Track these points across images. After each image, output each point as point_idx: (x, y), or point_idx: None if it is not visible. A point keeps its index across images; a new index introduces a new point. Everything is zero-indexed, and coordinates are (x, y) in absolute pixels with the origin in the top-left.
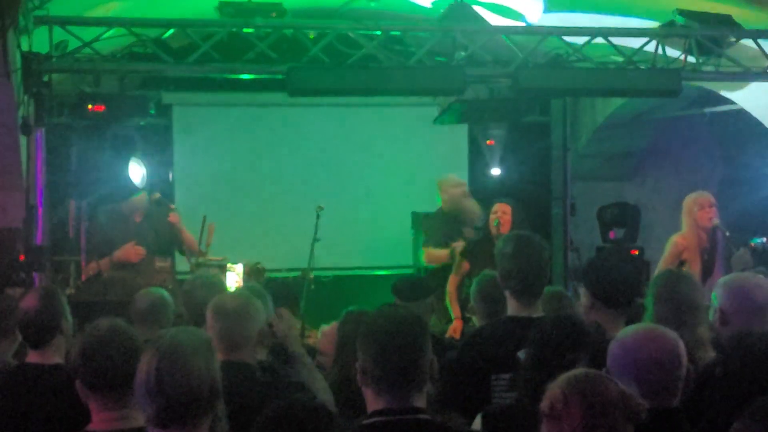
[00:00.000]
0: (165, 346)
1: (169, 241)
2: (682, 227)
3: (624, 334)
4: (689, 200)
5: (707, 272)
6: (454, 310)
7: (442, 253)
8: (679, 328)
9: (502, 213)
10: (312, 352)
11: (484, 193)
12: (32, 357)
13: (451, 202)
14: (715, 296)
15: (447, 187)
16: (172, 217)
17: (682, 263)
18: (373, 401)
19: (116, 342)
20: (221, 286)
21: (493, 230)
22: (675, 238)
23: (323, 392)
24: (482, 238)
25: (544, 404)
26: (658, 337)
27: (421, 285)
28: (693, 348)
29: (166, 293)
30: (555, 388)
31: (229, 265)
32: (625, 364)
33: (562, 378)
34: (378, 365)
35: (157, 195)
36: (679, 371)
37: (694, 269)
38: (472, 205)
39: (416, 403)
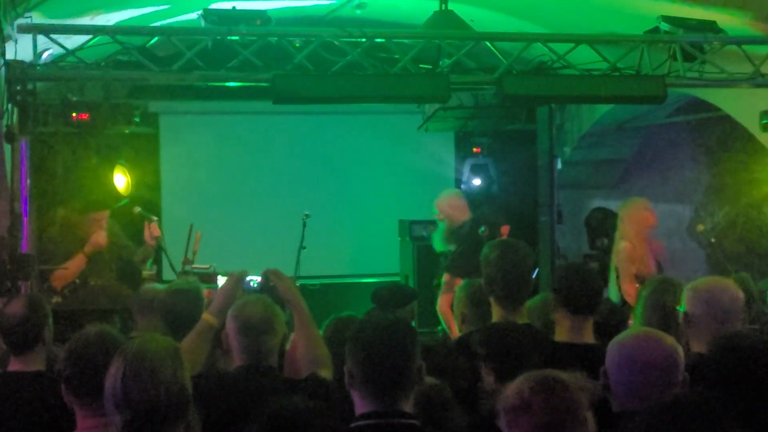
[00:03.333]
0: (131, 357)
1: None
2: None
3: (623, 337)
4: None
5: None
6: (453, 330)
7: None
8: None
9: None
10: None
11: (471, 200)
12: (14, 365)
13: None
14: (683, 299)
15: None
16: (154, 230)
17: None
18: (360, 404)
19: (103, 349)
20: (197, 293)
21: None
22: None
23: None
24: (465, 249)
25: (504, 401)
26: (656, 341)
27: (402, 292)
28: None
29: None
30: (513, 385)
31: (218, 276)
32: (624, 367)
33: (519, 377)
34: (366, 369)
35: (138, 209)
36: (676, 375)
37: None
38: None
39: (404, 408)
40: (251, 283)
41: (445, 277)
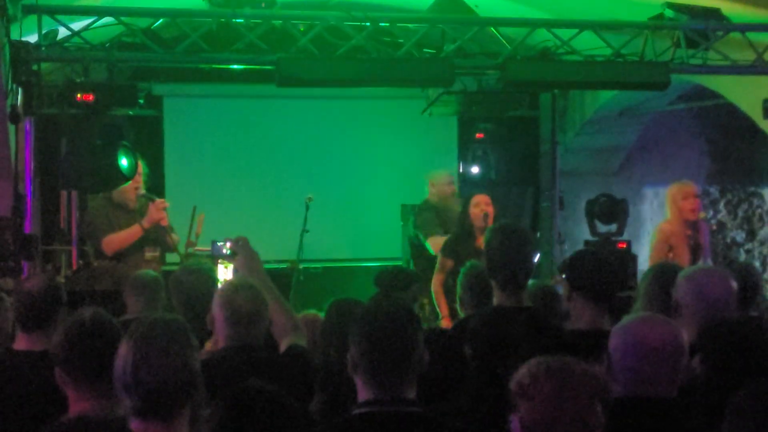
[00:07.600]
0: (140, 337)
1: (157, 233)
2: (667, 215)
3: (626, 322)
4: (673, 189)
5: (695, 262)
6: (442, 310)
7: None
8: None
9: (485, 204)
10: None
11: (473, 185)
12: (20, 343)
13: (440, 197)
14: (675, 287)
15: (437, 183)
16: (158, 212)
17: (669, 249)
18: (363, 391)
19: (99, 331)
20: (210, 273)
21: (481, 222)
22: (661, 225)
23: None
24: (463, 233)
25: (513, 385)
26: (660, 325)
27: (405, 275)
28: None
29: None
30: (523, 369)
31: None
32: (628, 353)
33: (530, 361)
34: (368, 357)
35: (142, 191)
36: (681, 361)
37: (681, 257)
38: (456, 207)
39: (407, 395)
40: (223, 250)
41: (439, 258)
